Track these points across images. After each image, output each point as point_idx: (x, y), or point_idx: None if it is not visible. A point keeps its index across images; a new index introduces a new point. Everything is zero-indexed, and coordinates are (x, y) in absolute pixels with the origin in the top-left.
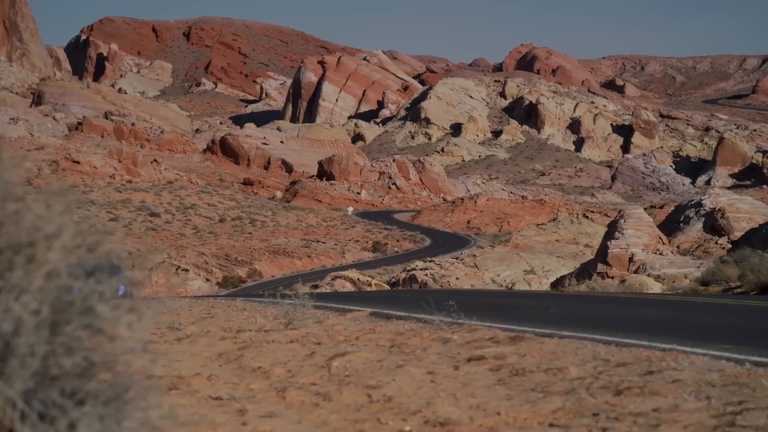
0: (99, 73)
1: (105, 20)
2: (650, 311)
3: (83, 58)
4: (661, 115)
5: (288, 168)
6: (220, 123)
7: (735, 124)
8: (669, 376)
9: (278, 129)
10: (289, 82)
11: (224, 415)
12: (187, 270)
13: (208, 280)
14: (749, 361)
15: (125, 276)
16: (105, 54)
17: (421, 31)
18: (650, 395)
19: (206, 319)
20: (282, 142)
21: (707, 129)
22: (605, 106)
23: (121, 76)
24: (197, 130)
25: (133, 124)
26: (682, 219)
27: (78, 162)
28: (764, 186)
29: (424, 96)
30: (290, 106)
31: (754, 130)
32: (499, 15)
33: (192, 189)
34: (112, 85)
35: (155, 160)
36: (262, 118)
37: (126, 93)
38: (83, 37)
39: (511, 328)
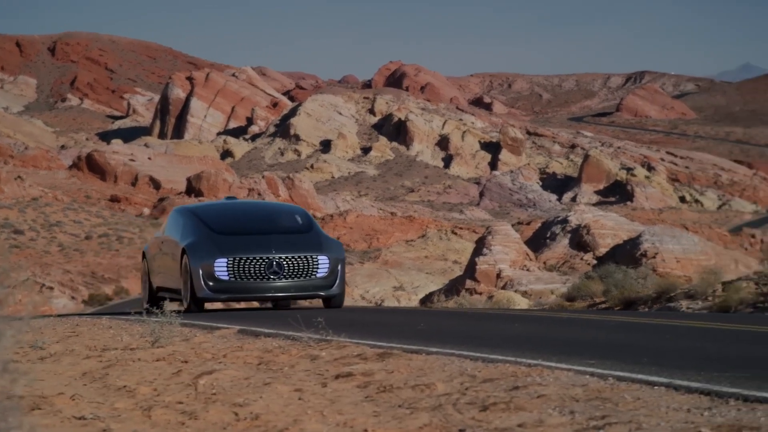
0: None
1: None
2: (517, 327)
3: None
4: (528, 133)
5: (156, 184)
6: (87, 139)
7: (600, 142)
8: (534, 391)
9: (146, 145)
10: (157, 98)
11: None
12: (51, 288)
13: (73, 297)
14: (612, 375)
15: None
16: None
17: (290, 47)
18: (516, 410)
19: (71, 337)
20: (150, 158)
21: (573, 146)
22: (473, 123)
23: None
24: (63, 147)
25: None
26: (548, 235)
27: None
28: (628, 202)
29: (293, 112)
30: (158, 122)
31: (619, 148)
32: (368, 32)
33: (57, 206)
34: None
35: (19, 177)
36: (129, 134)
37: None
38: None
39: (379, 344)
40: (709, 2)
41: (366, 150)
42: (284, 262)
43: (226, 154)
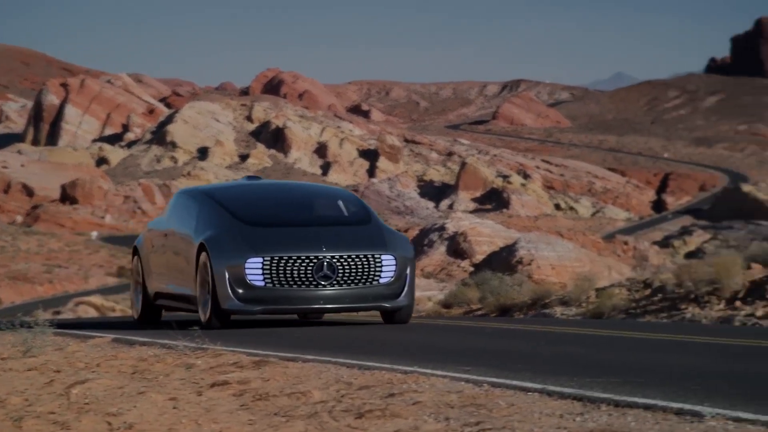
0: None
1: None
2: (394, 334)
3: None
4: (406, 140)
5: (29, 192)
6: None
7: (477, 149)
8: (410, 398)
9: (19, 152)
10: (31, 104)
11: None
12: None
13: None
14: (487, 382)
15: None
16: None
17: (166, 54)
18: (391, 417)
19: None
20: (23, 165)
21: (450, 154)
22: (351, 130)
23: None
24: None
25: None
26: (426, 242)
27: None
28: (504, 210)
29: (170, 119)
30: (32, 129)
31: (495, 155)
32: (246, 39)
33: None
34: None
35: None
36: (1, 141)
37: None
38: None
39: (255, 352)
40: (582, 12)
41: (244, 157)
42: (338, 264)
43: (101, 161)
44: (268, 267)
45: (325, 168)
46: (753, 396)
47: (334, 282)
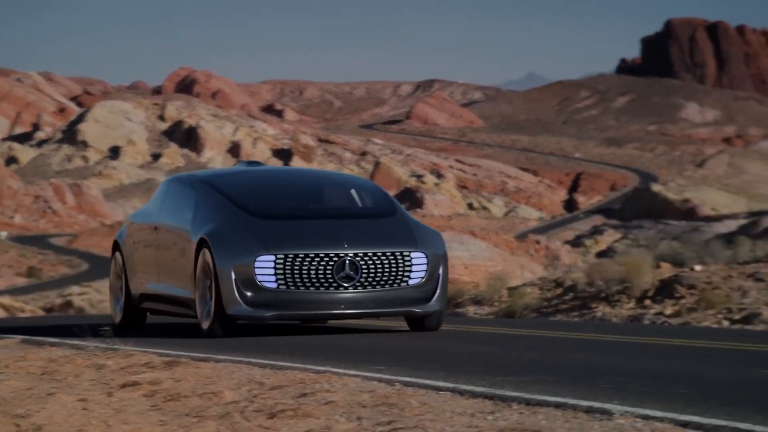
0: None
1: None
2: (307, 334)
3: None
4: (320, 140)
5: None
6: None
7: (390, 149)
8: (322, 398)
9: None
10: None
11: None
12: None
13: None
14: (400, 381)
15: None
16: None
17: (77, 52)
18: (304, 417)
19: None
20: None
21: (364, 153)
22: (265, 130)
23: None
24: None
25: None
26: None
27: None
28: (418, 209)
29: (81, 118)
30: None
31: (408, 155)
32: (159, 38)
33: None
34: None
35: None
36: None
37: None
38: None
39: (167, 353)
40: (494, 12)
41: (156, 156)
42: (362, 263)
43: (11, 160)
44: (281, 266)
45: None
46: (661, 393)
47: (357, 284)
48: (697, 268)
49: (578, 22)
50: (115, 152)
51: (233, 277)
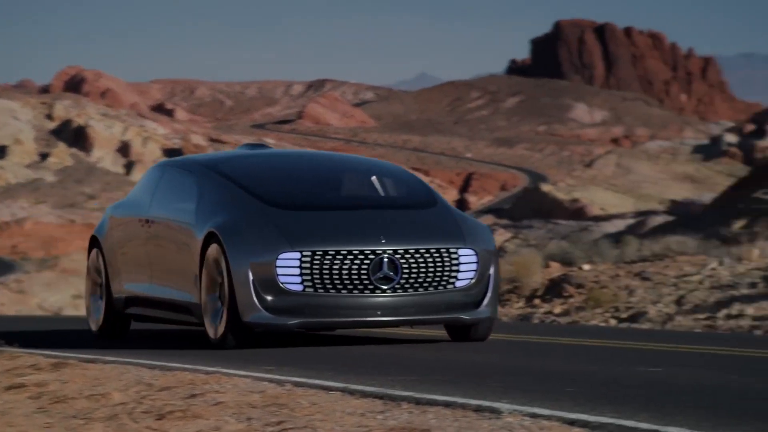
0: None
1: None
2: (195, 335)
3: None
4: (211, 140)
5: None
6: None
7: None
8: (212, 399)
9: None
10: None
11: None
12: None
13: None
14: (290, 381)
15: None
16: None
17: None
18: (193, 418)
19: None
20: None
21: None
22: (155, 129)
23: None
24: None
25: None
26: None
27: None
28: None
29: None
30: None
31: None
32: (47, 35)
33: None
34: None
35: None
36: None
37: None
38: None
39: (54, 354)
40: (386, 12)
41: (44, 156)
42: (402, 261)
43: None
44: (307, 265)
45: (129, 167)
46: (549, 392)
47: (397, 286)
48: (586, 267)
49: (469, 23)
50: (1, 152)
51: (251, 277)
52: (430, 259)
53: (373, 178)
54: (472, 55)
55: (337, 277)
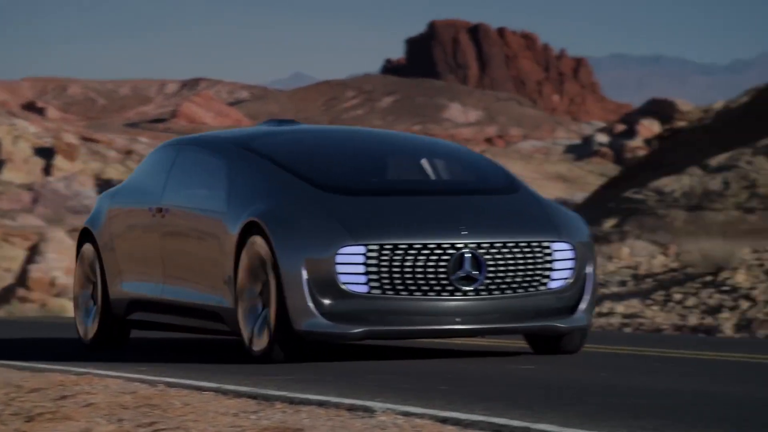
0: None
1: None
2: (64, 336)
3: None
4: (83, 138)
5: None
6: None
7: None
8: (83, 400)
9: None
10: None
11: None
12: None
13: None
14: (162, 382)
15: None
16: None
17: None
18: (63, 420)
19: None
20: None
21: (129, 152)
22: (26, 128)
23: None
24: None
25: None
26: None
27: None
28: None
29: None
30: None
31: None
32: None
33: None
34: None
35: None
36: None
37: None
38: None
39: None
40: (259, 12)
41: None
42: (487, 257)
43: None
44: (374, 262)
45: None
46: (423, 390)
47: (480, 287)
48: None
49: (343, 23)
50: None
51: (305, 277)
52: (519, 255)
53: (423, 160)
54: (346, 55)
55: (409, 276)
